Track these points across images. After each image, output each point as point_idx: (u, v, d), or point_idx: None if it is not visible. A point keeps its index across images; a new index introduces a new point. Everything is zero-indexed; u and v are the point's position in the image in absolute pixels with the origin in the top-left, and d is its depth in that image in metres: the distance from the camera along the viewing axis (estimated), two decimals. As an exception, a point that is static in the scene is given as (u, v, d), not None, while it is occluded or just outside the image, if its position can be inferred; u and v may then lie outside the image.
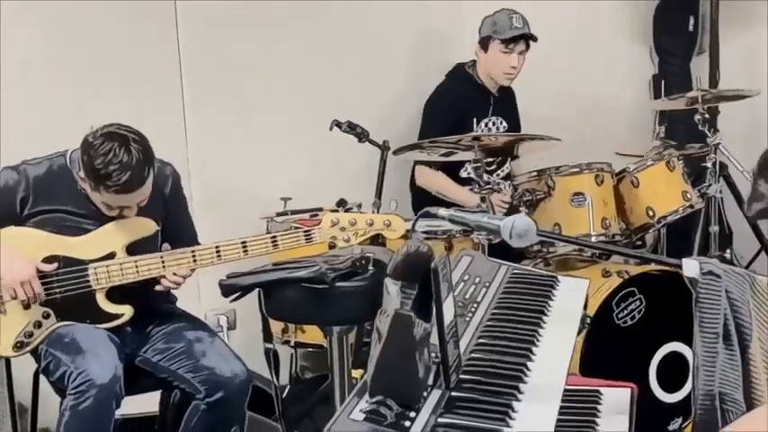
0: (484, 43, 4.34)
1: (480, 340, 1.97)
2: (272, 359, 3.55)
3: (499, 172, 4.45)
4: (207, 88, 4.40)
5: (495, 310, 2.13)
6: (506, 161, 4.46)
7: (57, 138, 3.37)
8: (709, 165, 4.17)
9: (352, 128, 3.80)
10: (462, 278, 2.25)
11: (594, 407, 2.36)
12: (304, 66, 4.53)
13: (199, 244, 3.35)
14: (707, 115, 4.30)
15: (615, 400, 2.41)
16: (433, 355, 1.71)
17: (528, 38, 4.29)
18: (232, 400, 3.25)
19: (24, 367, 3.37)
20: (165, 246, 3.28)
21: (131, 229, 3.25)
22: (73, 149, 3.21)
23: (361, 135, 3.81)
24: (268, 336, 3.64)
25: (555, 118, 4.89)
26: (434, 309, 1.68)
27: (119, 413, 3.95)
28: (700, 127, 4.22)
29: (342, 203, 3.35)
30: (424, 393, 1.66)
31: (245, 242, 3.23)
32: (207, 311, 4.27)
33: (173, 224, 3.41)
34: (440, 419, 1.61)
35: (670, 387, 3.76)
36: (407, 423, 1.56)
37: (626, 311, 3.72)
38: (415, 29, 4.80)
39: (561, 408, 2.36)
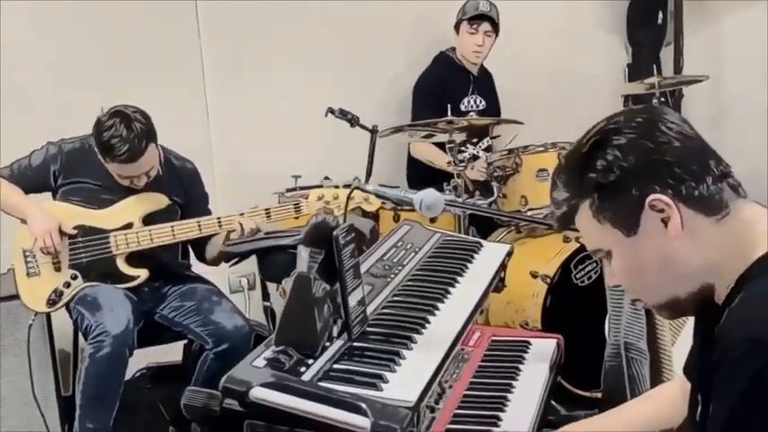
0: (456, 27, 4.36)
1: (394, 297, 1.98)
2: (270, 314, 3.62)
3: (480, 145, 4.42)
4: (226, 82, 4.43)
5: (415, 272, 2.13)
6: (485, 137, 4.43)
7: (86, 125, 3.45)
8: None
9: (343, 114, 3.81)
10: (396, 244, 2.25)
11: (521, 354, 2.37)
12: (312, 58, 4.53)
13: None
14: (665, 98, 4.25)
15: (541, 350, 2.41)
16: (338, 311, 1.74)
17: (491, 20, 4.27)
18: (236, 349, 3.30)
19: (69, 321, 3.44)
20: None
21: (147, 202, 3.33)
22: None
23: (352, 120, 3.82)
24: (266, 295, 3.69)
25: (543, 101, 4.88)
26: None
27: (155, 361, 4.11)
28: (658, 109, 4.16)
29: (327, 180, 3.36)
30: (327, 344, 1.68)
31: (242, 214, 3.28)
32: (230, 275, 4.32)
33: (190, 207, 3.47)
34: (334, 365, 1.63)
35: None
36: (303, 369, 1.58)
37: (583, 272, 3.68)
38: (412, 18, 4.77)
39: (492, 355, 2.40)
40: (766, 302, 1.27)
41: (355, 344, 1.72)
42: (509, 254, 2.37)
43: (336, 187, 3.36)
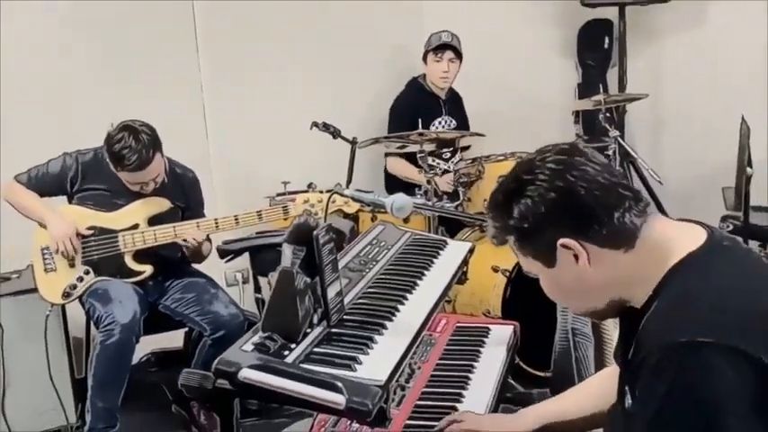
0: (424, 58, 4.38)
1: (369, 289, 1.97)
2: (261, 305, 3.61)
3: (453, 159, 4.43)
4: (223, 98, 4.41)
5: (388, 267, 2.13)
6: (457, 150, 4.44)
7: (85, 132, 3.44)
8: (610, 153, 4.13)
9: (326, 127, 3.80)
10: (370, 242, 2.24)
11: (482, 339, 2.38)
12: (300, 78, 4.53)
13: None
14: (610, 114, 4.27)
15: (499, 335, 2.41)
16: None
17: (454, 48, 4.28)
18: (231, 336, 3.28)
19: (82, 313, 3.42)
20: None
21: (151, 206, 3.33)
22: None
23: (334, 133, 3.82)
24: (258, 288, 3.68)
25: (502, 116, 4.89)
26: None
27: (160, 347, 4.09)
28: (603, 123, 4.19)
29: (311, 186, 3.35)
30: (308, 330, 1.68)
31: (237, 216, 3.29)
32: (226, 270, 4.30)
33: (190, 211, 3.47)
34: (315, 349, 1.62)
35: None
36: (286, 352, 1.58)
37: (538, 266, 3.70)
38: (389, 46, 4.79)
39: (456, 339, 2.41)
40: (676, 309, 1.29)
41: (333, 330, 1.72)
42: (470, 251, 2.37)
43: (321, 192, 3.36)
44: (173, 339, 3.86)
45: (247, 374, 1.51)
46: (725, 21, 4.74)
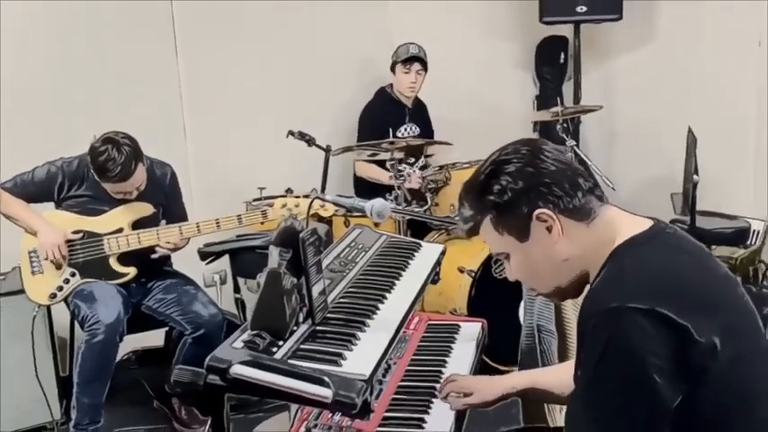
0: (392, 68, 4.38)
1: (350, 289, 1.98)
2: (240, 305, 3.59)
3: (417, 163, 4.44)
4: (202, 105, 4.38)
5: (367, 268, 2.14)
6: (421, 156, 4.46)
7: (65, 135, 3.39)
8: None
9: (302, 136, 3.78)
10: (349, 245, 2.25)
11: (453, 335, 2.39)
12: (276, 88, 4.50)
13: (188, 221, 3.40)
14: (566, 125, 4.32)
15: (469, 332, 2.42)
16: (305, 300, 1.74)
17: (421, 60, 4.30)
18: (211, 334, 3.29)
19: (67, 313, 3.38)
20: (163, 223, 3.33)
21: (134, 210, 3.29)
22: None
23: (309, 141, 3.80)
24: (237, 289, 3.66)
25: (466, 126, 4.89)
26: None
27: (141, 345, 4.05)
28: (560, 133, 4.24)
29: (289, 191, 3.34)
30: (294, 328, 1.68)
31: (218, 220, 3.26)
32: (205, 271, 4.26)
33: (170, 209, 3.44)
34: (301, 345, 1.63)
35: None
36: (275, 349, 1.58)
37: (501, 267, 3.72)
38: (357, 58, 4.78)
39: (428, 336, 2.42)
40: (611, 280, 1.37)
41: (318, 327, 1.72)
42: (443, 253, 2.39)
43: (297, 197, 3.36)
44: (151, 338, 3.82)
45: (238, 370, 1.51)
46: (672, 38, 4.82)
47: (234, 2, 4.36)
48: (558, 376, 1.85)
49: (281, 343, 1.61)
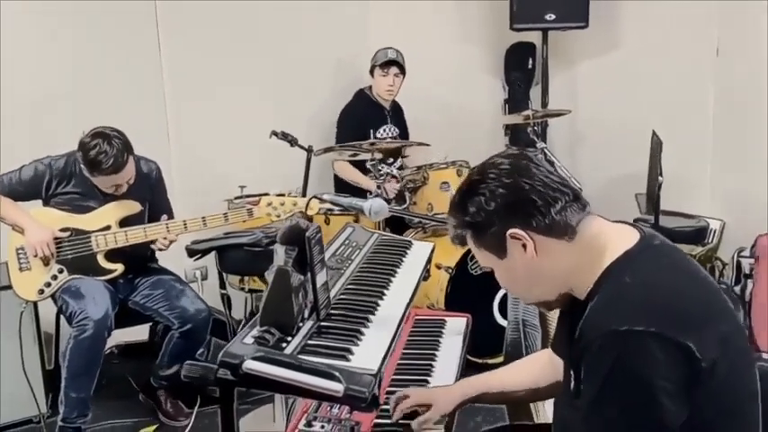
0: (371, 72, 4.36)
1: (349, 286, 1.97)
2: (226, 300, 3.56)
3: (395, 164, 4.44)
4: (185, 106, 4.32)
5: (363, 265, 2.13)
6: (398, 157, 4.46)
7: (49, 134, 3.32)
8: (537, 162, 4.20)
9: (285, 136, 3.74)
10: (344, 243, 2.24)
11: (440, 330, 2.40)
12: (257, 90, 4.45)
13: (173, 217, 3.36)
14: (537, 128, 4.35)
15: (455, 326, 2.44)
16: (309, 297, 1.72)
17: (398, 64, 4.30)
18: (197, 329, 3.26)
19: (52, 308, 3.32)
20: (163, 217, 3.28)
21: (122, 208, 3.24)
22: None
23: (292, 141, 3.75)
24: (223, 284, 3.62)
25: (439, 128, 4.89)
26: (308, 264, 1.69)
27: (124, 340, 3.98)
28: (531, 136, 4.27)
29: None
30: (300, 324, 1.67)
31: (204, 218, 3.22)
32: (187, 267, 4.21)
33: (157, 204, 3.39)
34: (309, 341, 1.61)
35: (506, 315, 3.77)
36: (284, 344, 1.57)
37: (477, 264, 3.74)
38: (334, 61, 4.75)
39: (417, 330, 2.42)
40: (614, 301, 1.35)
41: (323, 323, 1.71)
42: (432, 250, 2.39)
43: (281, 195, 3.32)
44: (133, 333, 3.76)
45: (251, 365, 1.50)
46: (635, 46, 4.89)
47: (216, 3, 4.30)
48: (513, 377, 1.87)
49: (289, 339, 1.60)
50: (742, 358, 1.38)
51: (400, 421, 1.81)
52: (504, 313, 3.78)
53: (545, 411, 2.36)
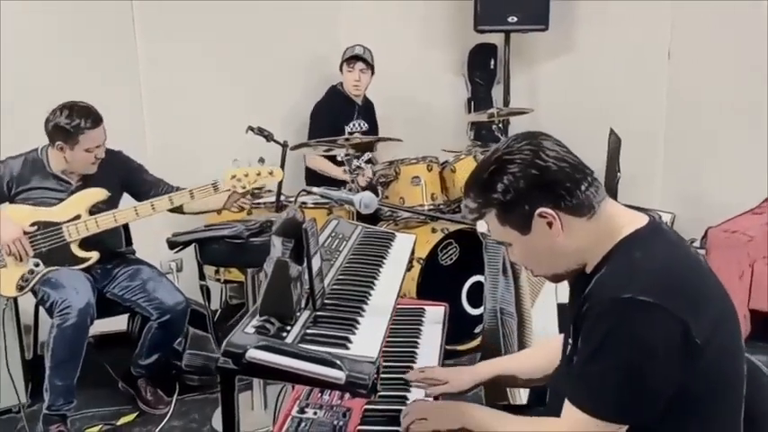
0: (340, 68, 4.34)
1: (340, 276, 1.95)
2: (205, 291, 3.50)
3: (363, 157, 4.42)
4: (161, 103, 4.24)
5: (351, 256, 2.11)
6: (367, 151, 4.44)
7: (27, 127, 3.23)
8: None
9: (261, 131, 3.68)
10: (330, 235, 2.22)
11: (420, 318, 2.39)
12: (232, 87, 4.39)
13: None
14: (500, 125, 4.37)
15: (434, 315, 2.43)
16: (306, 287, 1.70)
17: (364, 60, 4.27)
18: (176, 320, 3.21)
19: (30, 301, 3.24)
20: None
21: (90, 197, 3.17)
22: (42, 146, 3.14)
23: (268, 137, 3.70)
24: (202, 276, 3.56)
25: (405, 125, 4.89)
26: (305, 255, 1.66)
27: (100, 330, 3.89)
28: (496, 133, 4.29)
29: (235, 161, 3.22)
30: (298, 314, 1.64)
31: (170, 196, 3.17)
32: (162, 259, 4.13)
33: (137, 182, 3.34)
34: (307, 330, 1.59)
35: (475, 304, 3.81)
36: (284, 334, 1.54)
37: (446, 255, 3.77)
38: (308, 58, 4.71)
39: (398, 319, 2.41)
40: (622, 272, 1.38)
41: (319, 313, 1.69)
42: (414, 242, 2.38)
43: (248, 167, 3.23)
44: (111, 324, 3.67)
45: (255, 354, 1.46)
46: (592, 48, 4.95)
47: (191, 2, 4.22)
48: (524, 363, 1.89)
49: (288, 328, 1.57)
50: (732, 342, 1.41)
51: (392, 407, 1.80)
52: (471, 302, 3.81)
53: (520, 395, 2.37)
